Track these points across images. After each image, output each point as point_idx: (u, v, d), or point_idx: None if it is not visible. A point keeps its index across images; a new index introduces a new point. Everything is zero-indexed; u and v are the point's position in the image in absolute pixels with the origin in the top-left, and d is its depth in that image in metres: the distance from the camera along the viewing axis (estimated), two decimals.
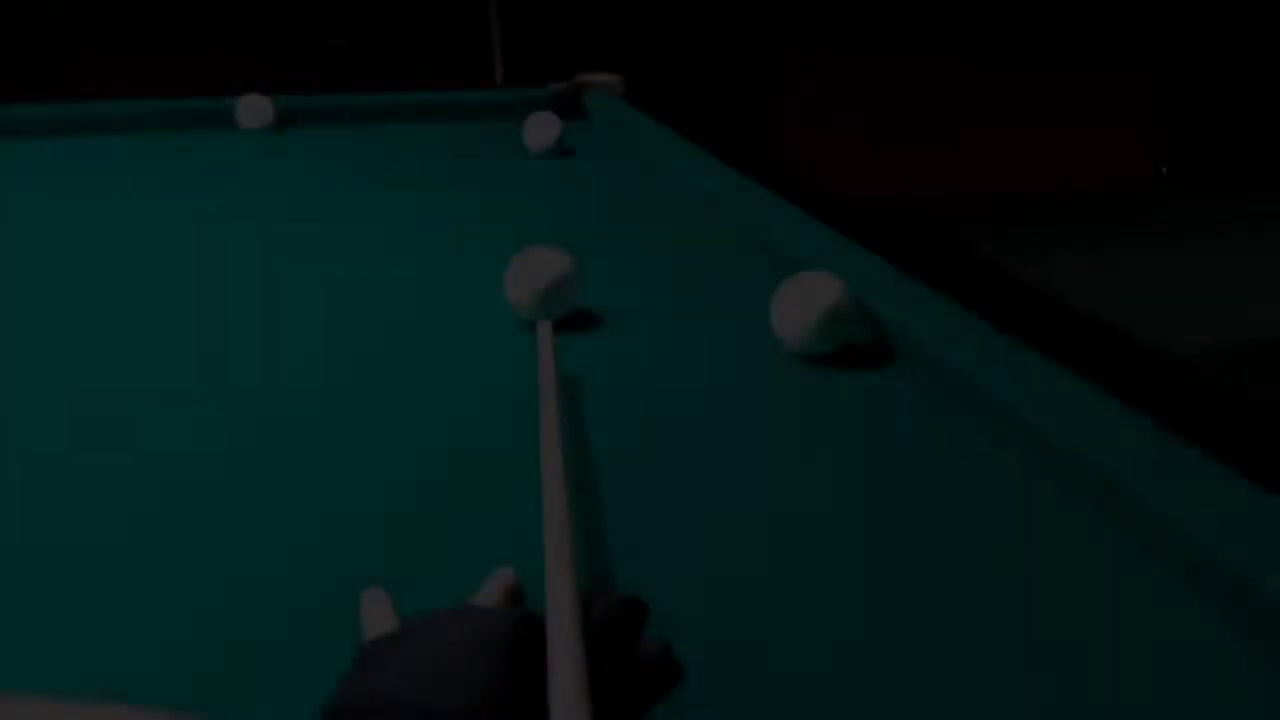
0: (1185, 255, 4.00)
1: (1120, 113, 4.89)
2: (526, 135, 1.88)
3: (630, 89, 2.24)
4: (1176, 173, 4.94)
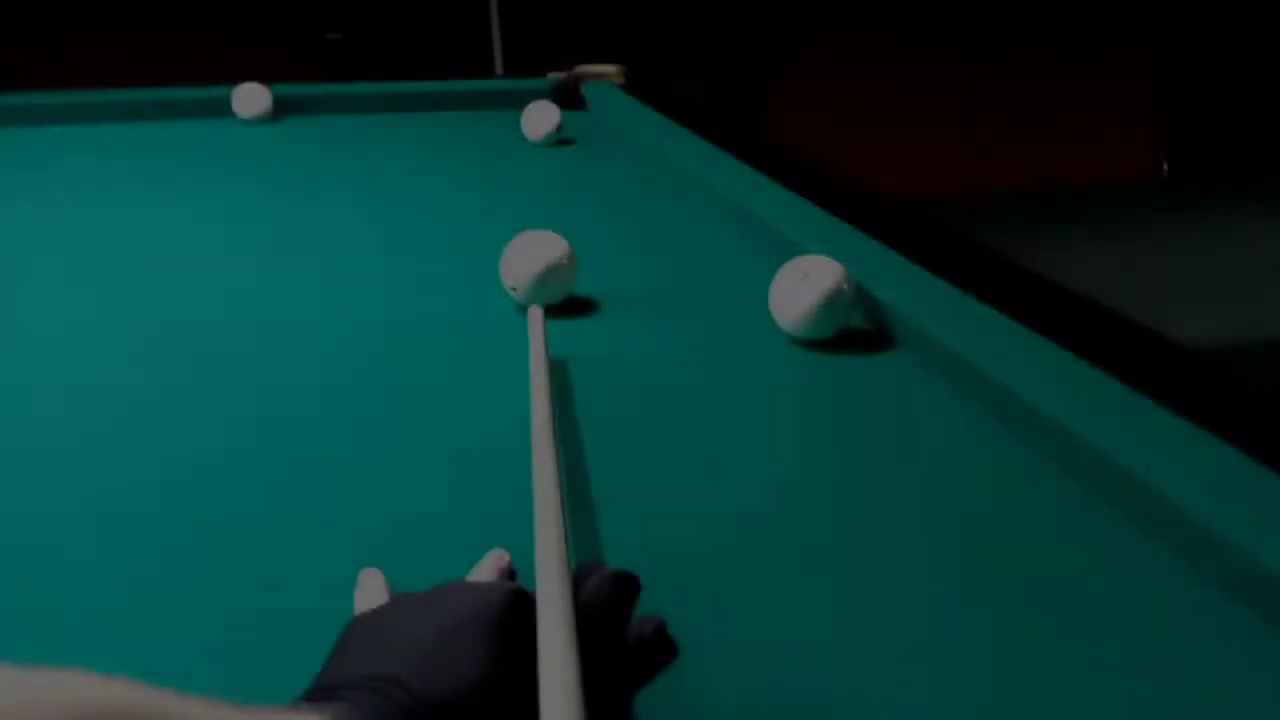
0: (1185, 251, 3.99)
1: (1121, 107, 4.88)
2: (525, 124, 1.87)
3: (629, 78, 2.23)
4: (1177, 168, 4.92)
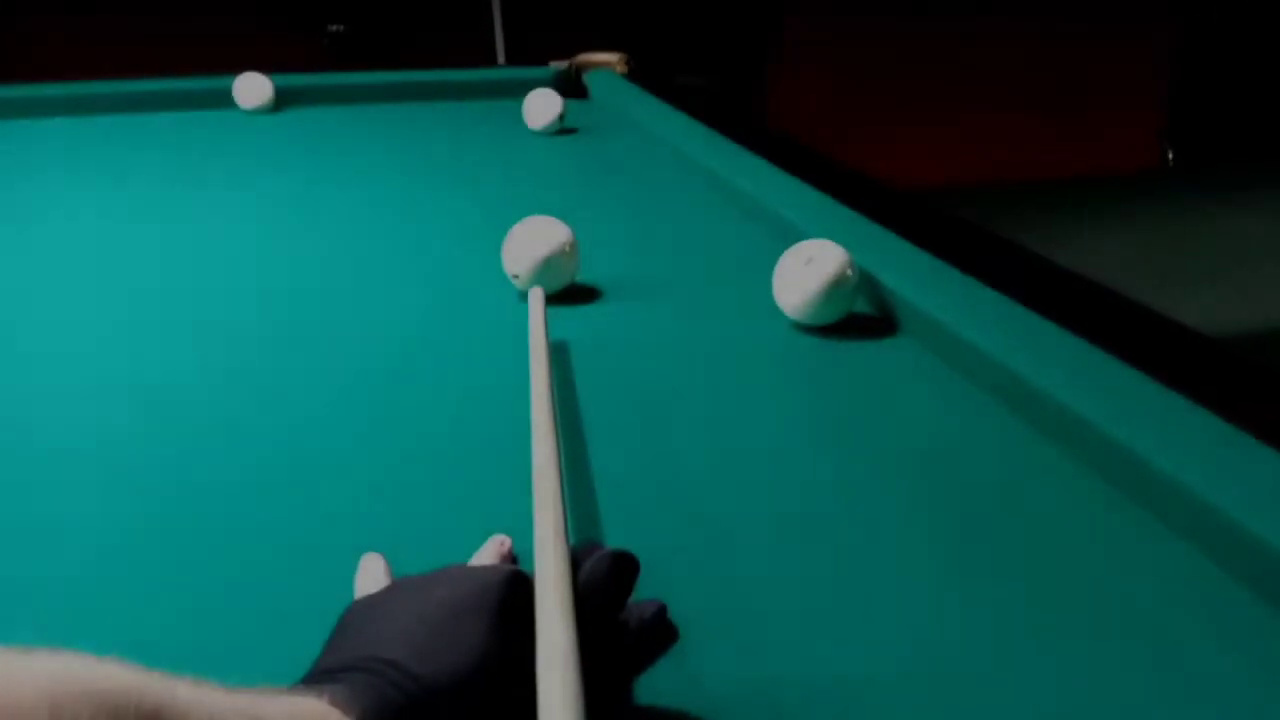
0: (1191, 241, 3.97)
1: (1128, 97, 4.86)
2: (527, 113, 1.86)
3: (631, 67, 2.22)
4: (1184, 158, 4.90)
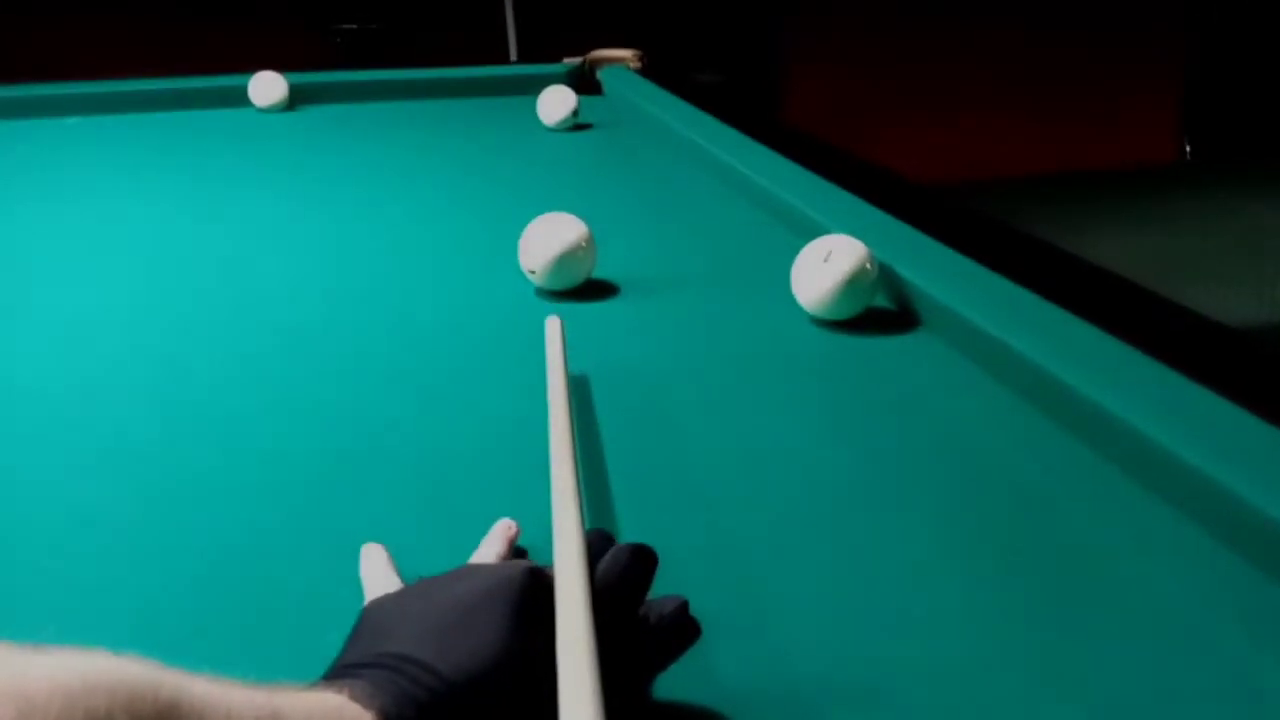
0: (1207, 234, 3.94)
1: (1145, 90, 4.83)
2: (541, 109, 1.86)
3: (645, 63, 2.21)
4: (1201, 151, 4.86)
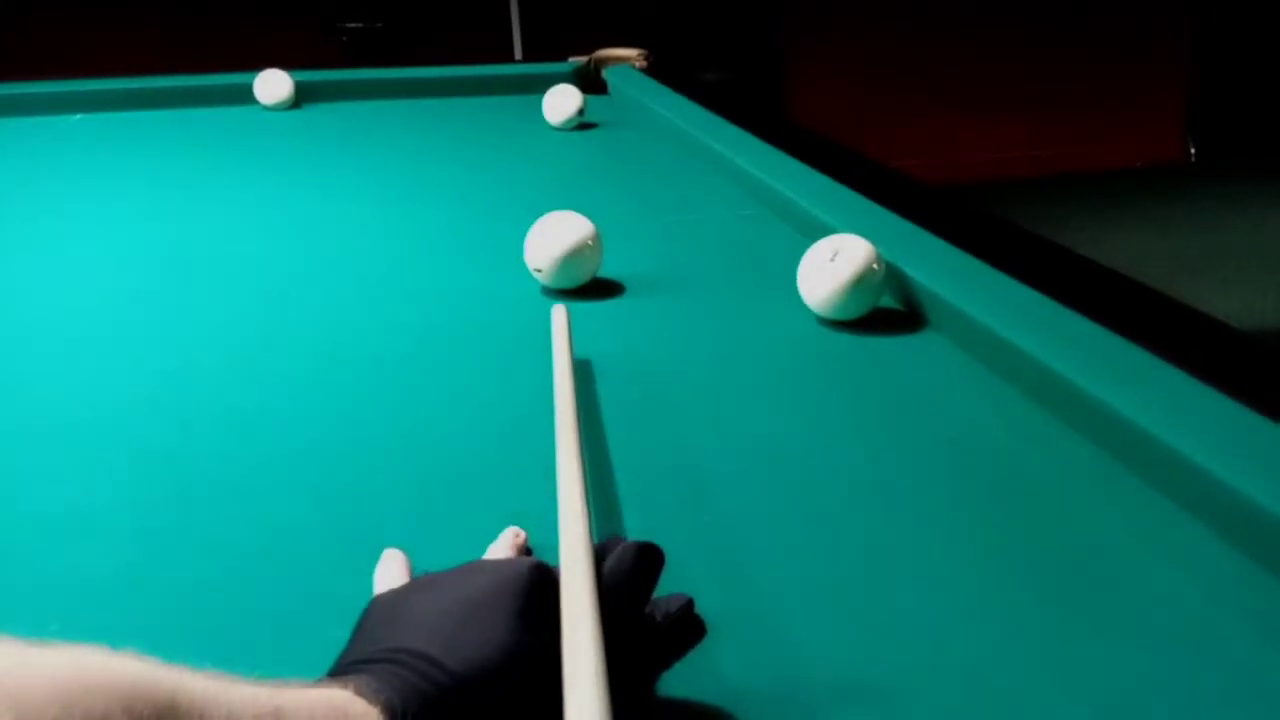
0: (1212, 235, 3.94)
1: (1150, 92, 4.82)
2: (547, 108, 1.85)
3: (651, 62, 2.21)
4: (1205, 153, 4.86)
